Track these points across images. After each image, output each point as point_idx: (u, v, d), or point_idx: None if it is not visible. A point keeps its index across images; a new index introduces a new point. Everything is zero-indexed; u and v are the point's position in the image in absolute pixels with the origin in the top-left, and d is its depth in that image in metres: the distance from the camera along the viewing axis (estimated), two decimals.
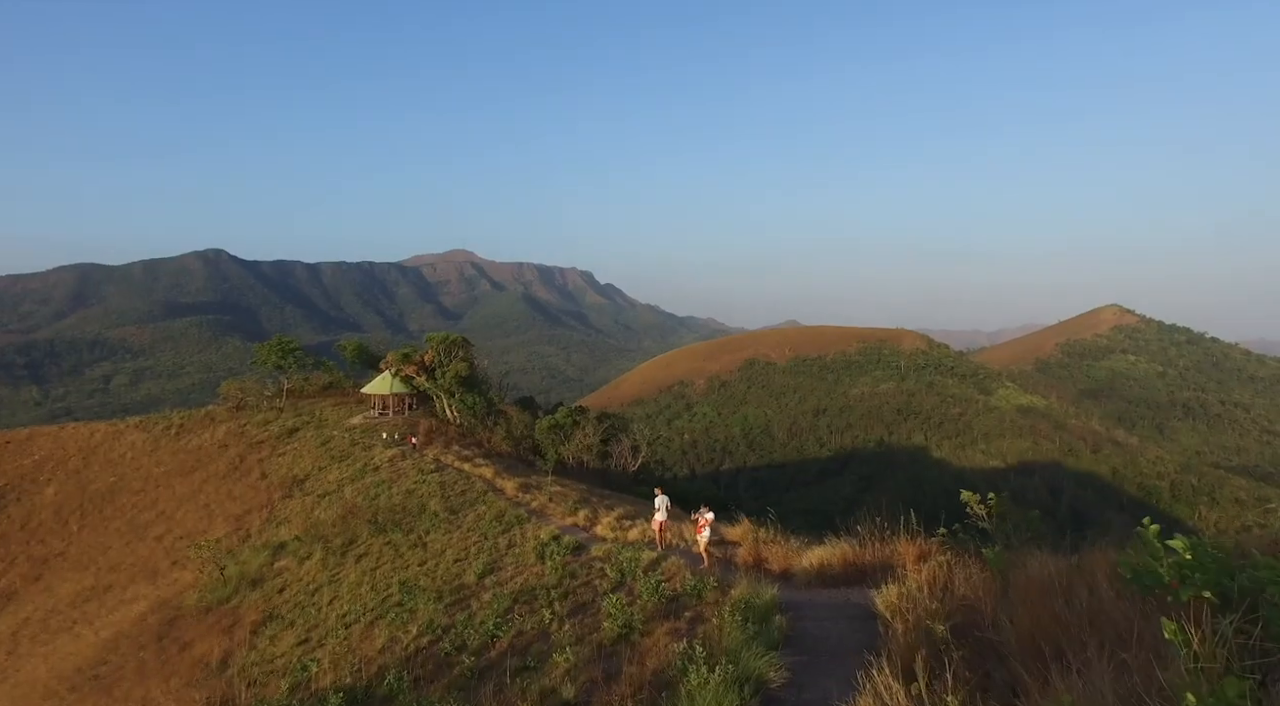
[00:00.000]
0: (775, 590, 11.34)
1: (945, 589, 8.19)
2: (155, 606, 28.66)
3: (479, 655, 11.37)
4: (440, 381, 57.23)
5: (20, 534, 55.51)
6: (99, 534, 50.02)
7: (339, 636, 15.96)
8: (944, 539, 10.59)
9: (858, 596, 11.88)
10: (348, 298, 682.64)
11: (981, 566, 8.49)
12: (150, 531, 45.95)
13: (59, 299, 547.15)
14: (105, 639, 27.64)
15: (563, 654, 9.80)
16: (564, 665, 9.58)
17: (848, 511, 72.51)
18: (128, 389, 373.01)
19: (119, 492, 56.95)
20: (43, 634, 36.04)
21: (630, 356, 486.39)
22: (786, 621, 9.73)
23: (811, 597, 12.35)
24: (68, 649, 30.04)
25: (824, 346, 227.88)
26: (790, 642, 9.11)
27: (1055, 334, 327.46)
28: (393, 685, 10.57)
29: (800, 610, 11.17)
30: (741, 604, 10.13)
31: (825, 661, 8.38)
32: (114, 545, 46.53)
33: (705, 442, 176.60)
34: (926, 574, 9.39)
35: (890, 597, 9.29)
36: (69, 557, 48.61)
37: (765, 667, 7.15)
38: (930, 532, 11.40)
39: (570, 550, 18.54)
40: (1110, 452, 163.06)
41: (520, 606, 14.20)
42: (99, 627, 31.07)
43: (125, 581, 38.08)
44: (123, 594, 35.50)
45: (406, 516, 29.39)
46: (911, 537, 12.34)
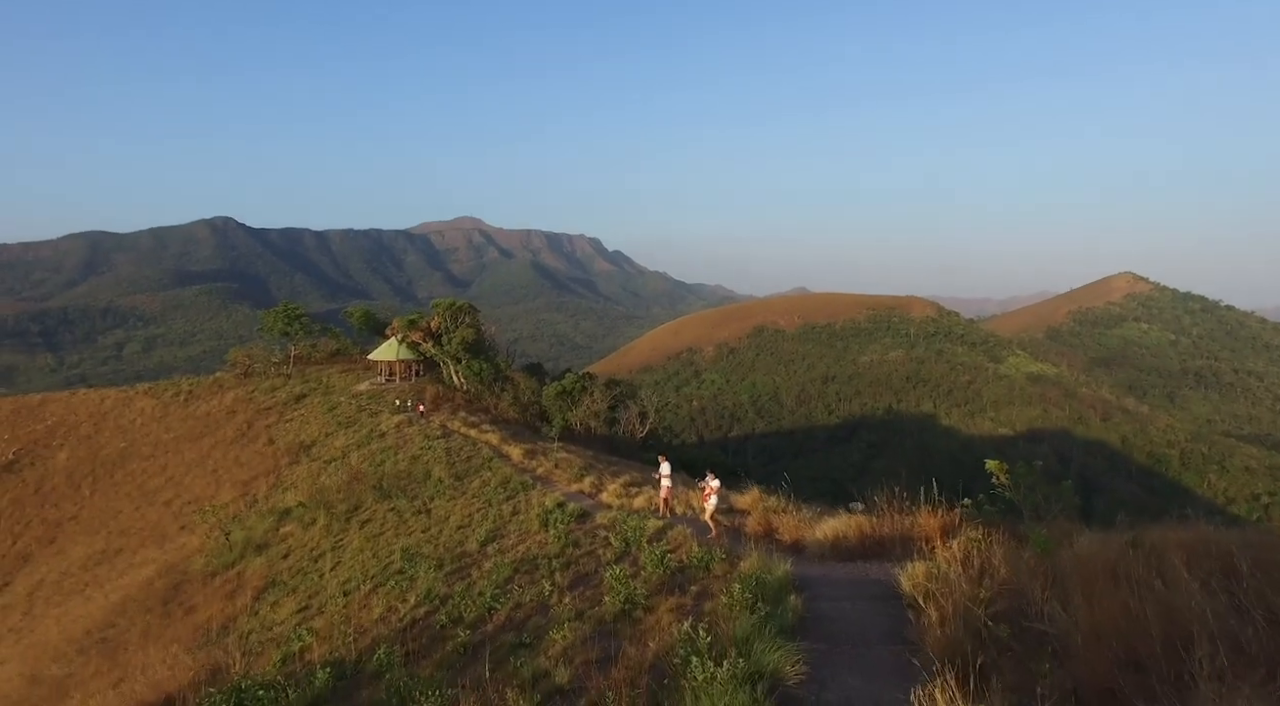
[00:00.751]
0: (788, 565, 10.52)
1: (983, 571, 7.37)
2: (162, 570, 28.69)
3: (474, 628, 10.95)
4: (447, 347, 56.82)
5: (34, 497, 56.03)
6: (110, 498, 50.36)
7: (338, 604, 15.71)
8: (968, 511, 9.96)
9: (877, 572, 11.14)
10: (356, 265, 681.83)
11: (1018, 543, 7.84)
12: (159, 496, 46.17)
13: (70, 267, 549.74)
14: (114, 602, 27.72)
15: (560, 631, 9.31)
16: (560, 643, 9.07)
17: (857, 478, 72.72)
18: (140, 356, 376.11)
19: (129, 458, 57.26)
20: (56, 595, 36.39)
21: (639, 324, 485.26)
22: (801, 602, 8.88)
23: (826, 573, 11.63)
24: (79, 611, 30.22)
25: (833, 314, 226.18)
26: (806, 627, 8.23)
27: (1067, 302, 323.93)
28: (382, 660, 10.20)
29: (815, 588, 10.39)
30: (752, 581, 9.26)
31: (847, 651, 7.37)
32: (124, 509, 46.83)
33: (714, 410, 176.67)
34: (957, 551, 8.60)
35: (917, 576, 8.50)
36: (81, 521, 49.02)
37: (780, 661, 6.16)
38: (951, 503, 10.69)
39: (574, 518, 18.14)
40: (1120, 421, 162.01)
41: (521, 576, 13.81)
42: (109, 591, 31.22)
43: (135, 545, 38.29)
44: (132, 558, 35.68)
45: (411, 483, 29.15)
46: (933, 509, 11.48)
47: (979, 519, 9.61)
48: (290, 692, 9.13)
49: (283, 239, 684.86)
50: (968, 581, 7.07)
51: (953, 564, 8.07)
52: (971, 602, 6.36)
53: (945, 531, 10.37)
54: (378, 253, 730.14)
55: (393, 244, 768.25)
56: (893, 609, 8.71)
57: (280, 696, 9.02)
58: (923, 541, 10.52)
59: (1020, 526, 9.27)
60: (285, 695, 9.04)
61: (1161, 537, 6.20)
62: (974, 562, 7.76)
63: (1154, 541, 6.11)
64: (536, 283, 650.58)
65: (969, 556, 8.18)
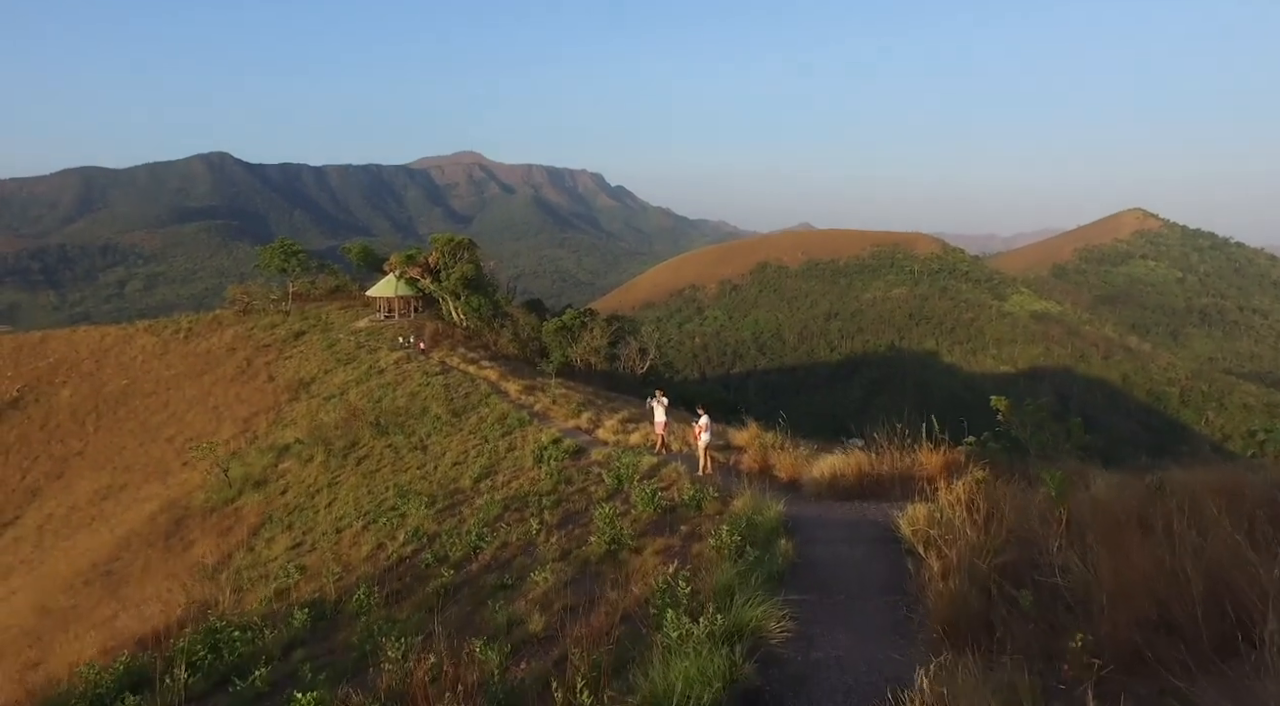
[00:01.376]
0: (781, 506, 9.96)
1: (990, 516, 6.68)
2: (165, 506, 28.91)
3: (459, 568, 10.78)
4: (445, 283, 56.13)
5: (40, 434, 56.47)
6: (114, 435, 50.71)
7: (330, 542, 15.68)
8: (972, 449, 9.49)
9: (875, 512, 10.54)
10: (356, 201, 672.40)
11: (1029, 486, 7.34)
12: (162, 433, 46.42)
13: (66, 203, 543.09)
14: (119, 536, 28.02)
15: (542, 572, 9.05)
16: (541, 586, 8.80)
17: (857, 415, 72.44)
18: (142, 294, 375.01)
19: (131, 395, 57.43)
20: (64, 529, 36.95)
21: (641, 260, 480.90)
22: (793, 546, 8.25)
23: (822, 513, 11.07)
24: (86, 544, 30.65)
25: (837, 250, 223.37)
26: (797, 574, 7.63)
27: (1074, 239, 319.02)
28: (361, 601, 10.04)
29: (809, 529, 9.81)
30: (741, 522, 8.80)
31: (840, 602, 6.78)
32: (128, 446, 47.18)
33: (716, 346, 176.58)
34: (960, 493, 8.00)
35: (917, 519, 7.97)
36: (87, 457, 49.49)
37: (763, 618, 5.48)
38: (954, 441, 10.19)
39: (569, 454, 17.94)
40: (1122, 359, 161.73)
41: (511, 513, 13.63)
42: (114, 525, 31.59)
43: (139, 481, 38.65)
44: (136, 493, 36.03)
45: (409, 419, 29.04)
46: (935, 447, 10.94)
47: (984, 458, 9.12)
48: (267, 633, 9.02)
49: (280, 175, 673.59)
50: (973, 527, 6.48)
51: (956, 507, 7.42)
52: (977, 552, 5.79)
53: (948, 471, 9.99)
54: (377, 188, 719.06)
55: (392, 179, 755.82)
56: (892, 554, 8.21)
57: (256, 637, 8.91)
58: (924, 481, 9.90)
59: (1028, 467, 8.81)
60: (261, 636, 8.93)
61: (1189, 480, 5.68)
62: (980, 506, 7.06)
63: (1181, 485, 5.60)
64: (538, 218, 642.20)
65: (974, 499, 7.48)
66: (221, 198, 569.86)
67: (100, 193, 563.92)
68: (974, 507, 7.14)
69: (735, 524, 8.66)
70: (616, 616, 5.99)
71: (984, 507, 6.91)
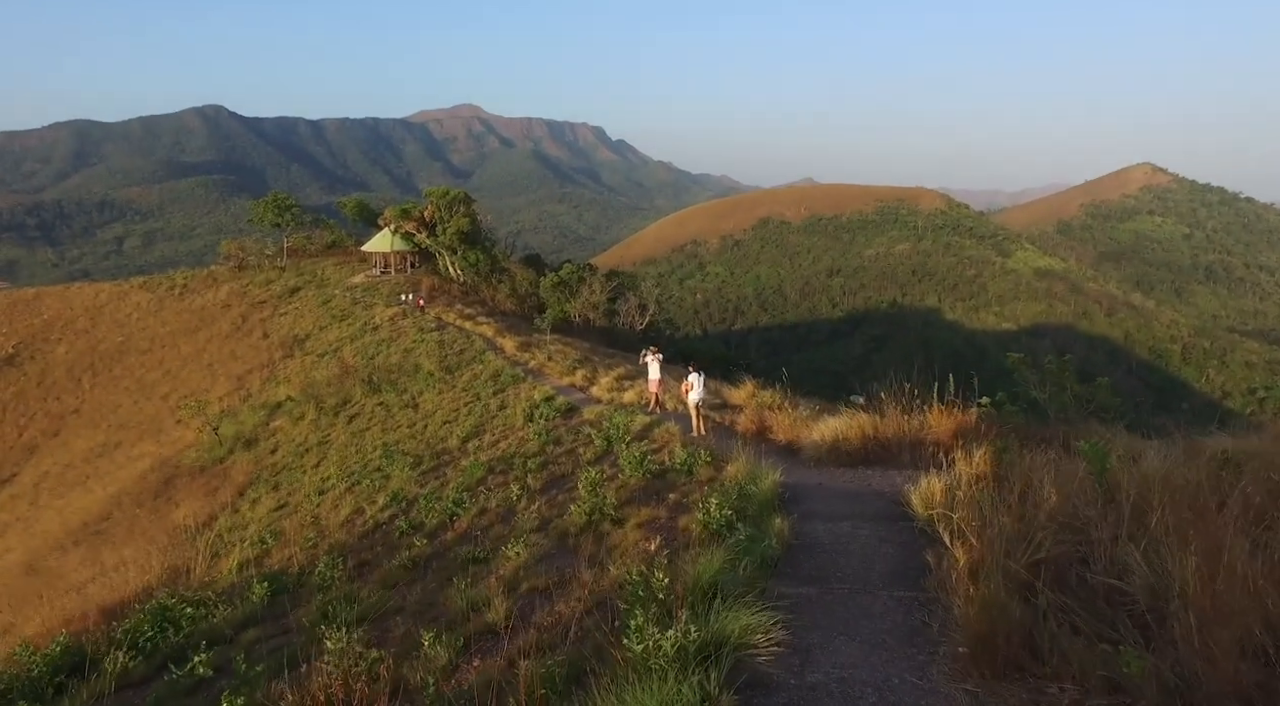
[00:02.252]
0: (777, 475, 8.96)
1: (1024, 495, 5.47)
2: (157, 464, 28.57)
3: (433, 537, 10.20)
4: (441, 238, 54.99)
5: (37, 391, 56.18)
6: (109, 392, 50.35)
7: (312, 504, 15.19)
8: (986, 411, 8.67)
9: (881, 481, 9.65)
10: (354, 156, 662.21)
11: (1056, 455, 6.42)
12: (156, 390, 46.01)
13: (59, 158, 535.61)
14: (111, 494, 27.75)
15: (516, 546, 8.40)
16: (514, 562, 8.15)
17: (858, 372, 71.88)
18: (141, 251, 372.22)
19: (127, 352, 56.95)
20: (59, 486, 36.76)
21: (643, 215, 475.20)
22: (789, 525, 7.19)
23: (823, 481, 10.18)
24: (79, 502, 30.42)
25: (840, 205, 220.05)
26: (793, 559, 6.56)
27: (1080, 194, 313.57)
28: (325, 574, 9.47)
29: (808, 501, 8.84)
30: (733, 494, 7.90)
31: (842, 598, 5.65)
32: (123, 403, 46.82)
33: (717, 302, 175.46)
34: (981, 463, 7.08)
35: (932, 495, 6.86)
36: (83, 414, 49.21)
37: (749, 629, 4.35)
38: (965, 401, 9.33)
39: (561, 412, 17.32)
40: (1125, 316, 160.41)
41: (495, 476, 13.03)
42: (107, 483, 31.33)
43: (134, 438, 38.32)
44: (130, 451, 35.72)
45: (402, 376, 28.45)
46: (945, 408, 10.03)
47: (999, 421, 8.31)
48: (220, 610, 8.46)
49: (277, 128, 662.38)
50: (1005, 511, 5.22)
51: (984, 485, 6.25)
52: (1013, 543, 4.60)
53: (960, 435, 9.10)
54: (375, 143, 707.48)
55: (390, 133, 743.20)
56: (902, 535, 7.10)
57: (210, 613, 8.37)
58: (934, 447, 9.30)
59: (1051, 432, 7.96)
60: (214, 612, 8.38)
61: (1261, 451, 4.80)
62: (1012, 483, 5.86)
63: (1254, 456, 4.75)
64: (539, 172, 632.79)
65: (1003, 474, 6.52)
66: (217, 152, 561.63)
67: (94, 147, 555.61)
68: (1004, 484, 6.13)
69: (726, 495, 7.82)
70: (581, 609, 5.32)
71: (1017, 486, 5.72)
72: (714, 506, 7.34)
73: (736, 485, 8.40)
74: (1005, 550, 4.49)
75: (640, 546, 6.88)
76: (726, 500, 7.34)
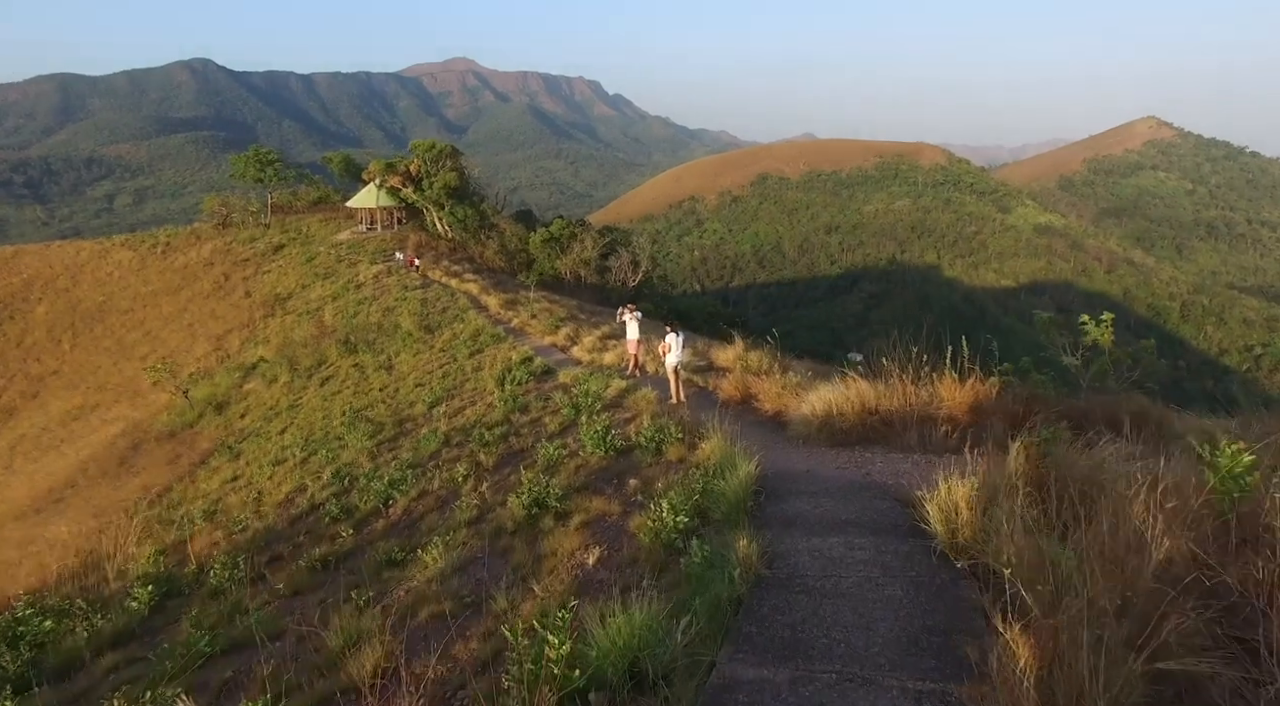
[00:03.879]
0: (753, 466, 7.04)
1: (1114, 528, 3.47)
2: (128, 428, 27.55)
3: (361, 527, 9.13)
4: (428, 193, 53.15)
5: (16, 352, 55.03)
6: (90, 353, 49.19)
7: (265, 475, 14.15)
8: (1008, 380, 7.25)
9: (883, 469, 7.85)
10: (347, 111, 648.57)
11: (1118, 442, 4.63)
12: (136, 351, 44.83)
13: (43, 113, 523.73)
14: (80, 460, 26.80)
15: (434, 550, 7.18)
16: (430, 569, 7.01)
17: (856, 329, 70.74)
18: (132, 209, 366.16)
19: (108, 312, 55.65)
20: (34, 451, 35.83)
21: (640, 171, 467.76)
22: (761, 546, 5.14)
23: (812, 466, 8.39)
24: (51, 467, 29.51)
25: (839, 161, 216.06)
26: (761, 607, 4.55)
27: (1083, 149, 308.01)
28: (220, 576, 8.33)
29: (791, 499, 7.06)
30: (696, 490, 6.31)
31: (827, 693, 3.53)
32: (103, 365, 45.68)
33: (715, 259, 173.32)
34: (1023, 461, 4.87)
35: (956, 505, 4.87)
36: (62, 376, 48.12)
37: None
38: (983, 366, 7.84)
39: (535, 376, 16.17)
40: (1124, 273, 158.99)
41: (450, 449, 11.94)
42: (80, 447, 30.40)
43: (110, 401, 37.29)
44: (106, 413, 34.73)
45: (380, 336, 27.28)
46: (958, 375, 8.31)
47: (1024, 393, 6.89)
48: (92, 620, 7.31)
49: (266, 83, 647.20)
50: (1088, 559, 3.23)
51: (1030, 498, 4.17)
52: (1113, 631, 2.75)
53: (977, 410, 7.75)
54: (368, 97, 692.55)
55: (383, 88, 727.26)
56: (915, 564, 5.01)
57: (74, 627, 7.24)
58: (946, 424, 7.90)
59: (1085, 407, 6.53)
60: (83, 624, 7.24)
61: None
62: (1074, 499, 3.89)
63: None
64: (535, 128, 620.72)
65: (1052, 479, 4.37)
66: (207, 107, 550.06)
67: (79, 101, 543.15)
68: (1062, 499, 3.98)
69: (688, 492, 6.29)
70: (472, 662, 4.19)
71: (1108, 515, 3.55)
72: (667, 511, 5.91)
73: (703, 477, 7.04)
74: (1108, 653, 2.60)
75: (577, 557, 5.75)
76: (687, 499, 6.04)
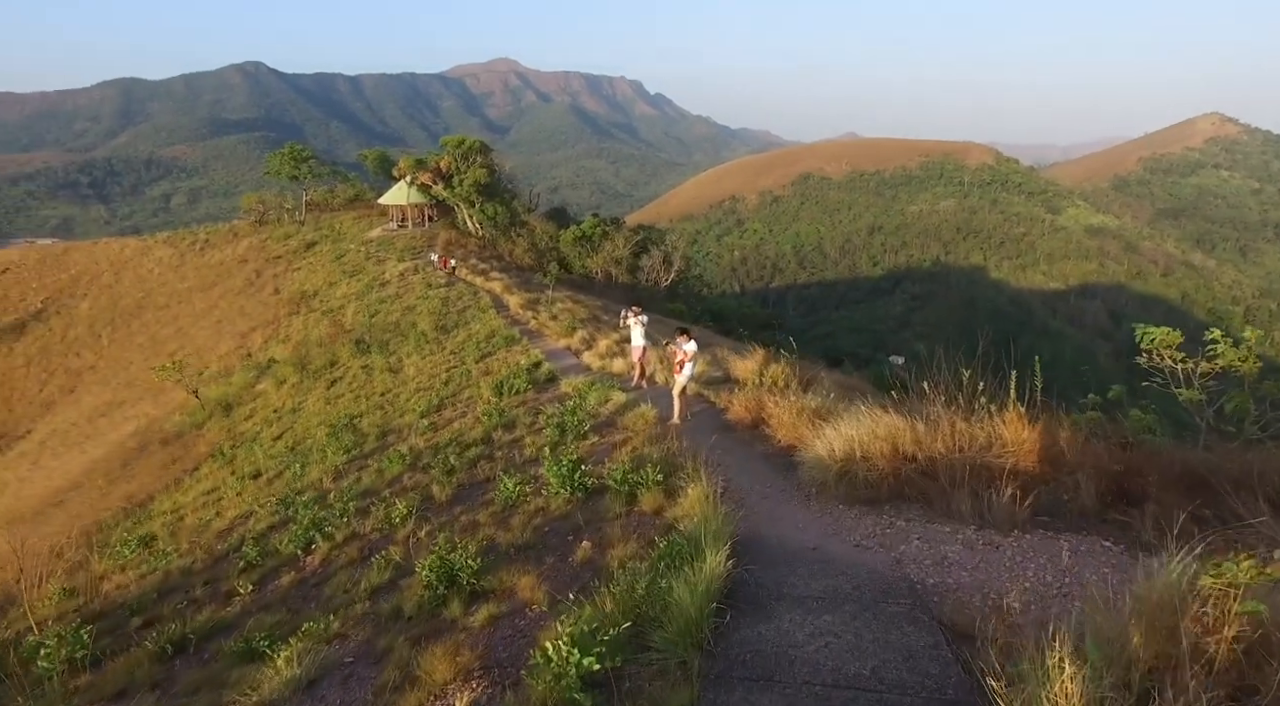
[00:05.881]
0: (724, 559, 4.96)
1: None
2: (141, 428, 27.05)
3: (265, 582, 7.75)
4: (458, 190, 52.38)
5: (60, 346, 55.98)
6: (124, 349, 49.63)
7: (235, 489, 13.05)
8: (1092, 419, 5.30)
9: (920, 552, 5.54)
10: (392, 112, 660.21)
11: None
12: (167, 347, 44.90)
13: (108, 116, 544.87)
14: (93, 460, 26.39)
15: (299, 644, 5.61)
16: (275, 680, 5.20)
17: (898, 330, 68.15)
18: (187, 207, 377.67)
19: (145, 308, 56.23)
20: (61, 447, 35.88)
21: (681, 170, 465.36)
22: None
23: (820, 542, 6.08)
24: (68, 466, 29.28)
25: (883, 160, 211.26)
26: None
27: (1139, 147, 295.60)
28: (51, 656, 6.86)
29: (780, 611, 4.89)
30: (628, 603, 4.40)
31: None
32: (135, 361, 45.91)
33: (755, 260, 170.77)
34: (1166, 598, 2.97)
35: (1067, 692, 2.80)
36: (98, 371, 48.61)
37: None
38: (1059, 401, 5.65)
39: (537, 384, 14.81)
40: (1182, 276, 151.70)
41: (412, 474, 10.56)
42: (99, 445, 30.09)
43: (136, 398, 37.17)
44: (129, 411, 34.54)
45: (395, 336, 26.25)
46: (1028, 413, 6.06)
47: (1124, 439, 4.92)
48: None
49: (315, 84, 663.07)
50: None
51: None
52: None
53: (1054, 460, 5.56)
54: (412, 98, 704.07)
55: (427, 88, 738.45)
56: None
57: None
58: (1013, 480, 5.50)
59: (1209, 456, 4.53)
60: None
61: None
62: None
63: None
64: (576, 127, 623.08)
65: None
66: (258, 109, 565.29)
67: (140, 105, 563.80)
68: None
69: (620, 601, 4.40)
70: None
71: None
72: (565, 647, 3.81)
73: (650, 570, 5.07)
74: None
75: (448, 695, 4.12)
76: (617, 612, 4.18)
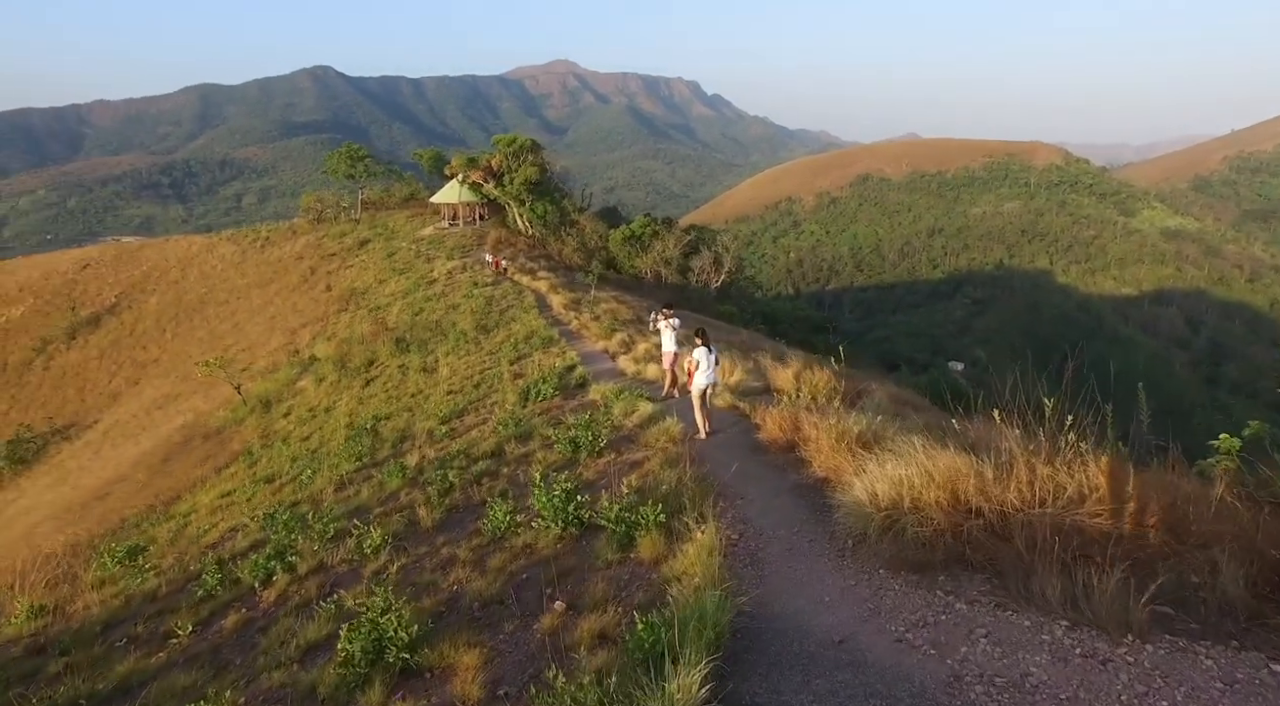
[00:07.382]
0: (699, 689, 3.78)
1: None
2: (189, 422, 27.29)
3: (210, 623, 6.97)
4: (508, 188, 52.22)
5: (129, 339, 57.99)
6: (185, 343, 51.02)
7: (247, 494, 12.58)
8: (1223, 467, 3.84)
9: (988, 660, 4.06)
10: (452, 113, 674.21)
11: None
12: (223, 342, 45.93)
13: (188, 120, 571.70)
14: (142, 452, 26.69)
15: (266, 677, 4.77)
16: None
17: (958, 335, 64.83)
18: (257, 207, 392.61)
19: (207, 303, 57.84)
20: (120, 438, 36.84)
21: (738, 171, 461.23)
22: None
23: (851, 632, 4.67)
24: (121, 457, 29.82)
25: (945, 161, 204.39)
26: None
27: (1222, 146, 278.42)
28: None
29: None
30: None
31: None
32: (194, 354, 47.04)
33: (811, 262, 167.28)
34: None
35: None
36: (162, 364, 50.06)
37: None
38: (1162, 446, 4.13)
39: (566, 390, 13.96)
40: (1271, 281, 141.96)
41: (409, 491, 9.75)
42: (151, 438, 30.59)
43: (190, 392, 37.94)
44: (182, 405, 35.20)
45: (436, 334, 25.83)
46: (1122, 461, 4.68)
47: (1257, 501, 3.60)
48: None
49: (380, 87, 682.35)
50: None
51: None
52: None
53: (1172, 525, 4.16)
54: (473, 99, 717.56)
55: (487, 90, 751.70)
56: None
57: None
58: (1112, 550, 4.15)
59: None
60: None
61: None
62: None
63: None
64: (633, 128, 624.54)
65: None
66: (326, 111, 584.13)
67: (217, 109, 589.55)
68: None
69: None
70: None
71: None
72: None
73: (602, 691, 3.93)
74: None
75: None
76: None
